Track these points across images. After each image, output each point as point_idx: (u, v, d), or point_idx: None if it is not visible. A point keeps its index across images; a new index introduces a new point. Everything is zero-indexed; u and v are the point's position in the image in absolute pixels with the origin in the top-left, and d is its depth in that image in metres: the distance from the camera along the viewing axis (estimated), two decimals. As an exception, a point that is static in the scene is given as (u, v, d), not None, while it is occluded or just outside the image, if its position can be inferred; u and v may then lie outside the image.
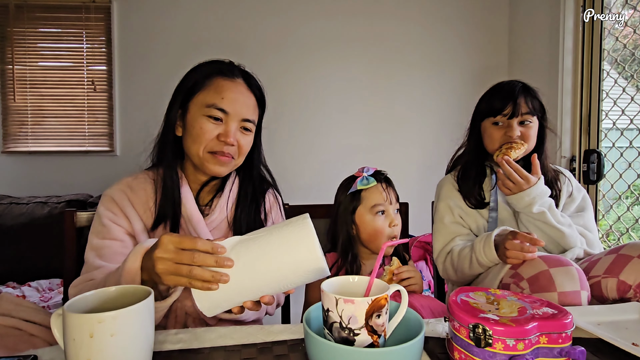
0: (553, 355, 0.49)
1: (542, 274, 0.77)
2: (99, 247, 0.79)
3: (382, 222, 0.96)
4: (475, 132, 1.13)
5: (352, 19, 2.27)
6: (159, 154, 0.85)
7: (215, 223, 0.86)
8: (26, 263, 1.82)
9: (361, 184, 0.97)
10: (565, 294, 0.74)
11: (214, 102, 0.80)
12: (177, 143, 0.85)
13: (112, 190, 0.83)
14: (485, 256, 0.90)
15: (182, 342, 0.59)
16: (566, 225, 0.98)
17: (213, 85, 0.82)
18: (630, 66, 1.68)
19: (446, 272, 1.05)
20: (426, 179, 2.22)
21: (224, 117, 0.81)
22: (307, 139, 2.28)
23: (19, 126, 2.16)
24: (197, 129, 0.80)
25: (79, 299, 0.50)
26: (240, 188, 0.91)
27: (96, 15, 2.16)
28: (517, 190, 0.98)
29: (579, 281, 0.75)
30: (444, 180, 1.17)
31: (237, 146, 0.83)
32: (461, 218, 1.09)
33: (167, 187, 0.82)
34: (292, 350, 0.56)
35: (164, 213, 0.81)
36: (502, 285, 0.85)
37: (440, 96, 2.33)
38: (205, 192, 0.89)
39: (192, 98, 0.82)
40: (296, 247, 0.53)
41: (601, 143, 1.79)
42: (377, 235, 0.96)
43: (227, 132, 0.80)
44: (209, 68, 0.84)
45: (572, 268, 0.76)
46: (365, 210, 0.97)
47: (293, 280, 0.54)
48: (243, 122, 0.83)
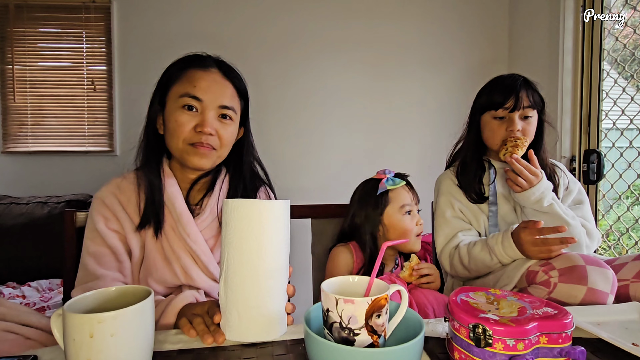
0: (553, 355, 0.49)
1: (577, 268, 0.77)
2: (98, 254, 0.79)
3: (409, 221, 0.99)
4: (474, 126, 1.12)
5: (352, 18, 2.26)
6: (142, 153, 0.85)
7: (206, 223, 0.85)
8: (26, 263, 1.82)
9: (389, 184, 0.98)
10: (594, 291, 0.74)
11: (187, 91, 0.79)
12: (161, 142, 0.85)
13: (102, 193, 0.84)
14: (508, 256, 0.91)
15: (182, 342, 0.59)
16: (570, 217, 0.99)
17: (186, 76, 0.81)
18: (630, 66, 1.68)
19: (454, 268, 1.04)
20: (426, 178, 2.20)
21: (199, 105, 0.80)
22: (308, 139, 2.28)
23: (19, 126, 2.16)
24: (173, 122, 0.80)
25: (78, 299, 0.50)
26: (230, 185, 0.90)
27: (96, 15, 2.16)
28: (528, 186, 0.98)
29: (611, 285, 0.75)
30: (443, 176, 1.17)
31: (217, 136, 0.81)
32: (462, 212, 1.09)
33: (148, 187, 0.82)
34: (292, 350, 0.56)
35: (147, 214, 0.81)
36: (528, 272, 0.84)
37: (440, 97, 2.33)
38: (195, 191, 0.88)
39: (168, 92, 0.82)
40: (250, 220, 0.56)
41: (601, 143, 1.78)
42: (407, 235, 0.98)
43: (203, 121, 0.79)
44: (183, 61, 0.84)
45: (609, 272, 0.76)
46: (394, 211, 0.99)
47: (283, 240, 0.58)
48: (221, 109, 0.81)
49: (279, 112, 2.23)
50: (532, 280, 0.83)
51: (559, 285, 0.77)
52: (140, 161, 0.85)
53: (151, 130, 0.85)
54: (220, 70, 0.84)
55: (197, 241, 0.81)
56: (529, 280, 0.84)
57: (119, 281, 0.79)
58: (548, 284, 0.78)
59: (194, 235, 0.81)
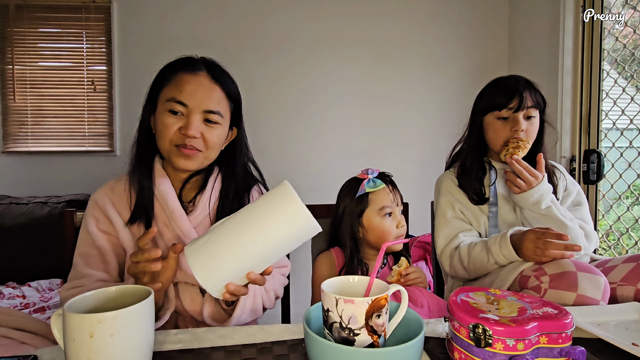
0: (553, 355, 0.49)
1: (567, 274, 0.77)
2: (86, 255, 0.83)
3: (389, 223, 0.96)
4: (475, 128, 1.12)
5: (352, 18, 2.26)
6: (133, 152, 0.87)
7: (198, 219, 0.86)
8: (26, 263, 1.82)
9: (369, 186, 0.96)
10: (584, 297, 0.74)
11: (173, 96, 0.81)
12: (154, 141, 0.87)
13: (97, 194, 0.87)
14: (503, 256, 0.91)
15: (182, 342, 0.59)
16: (568, 219, 0.99)
17: (175, 80, 0.83)
18: (630, 66, 1.68)
19: (454, 269, 1.04)
20: (426, 178, 2.22)
21: (184, 110, 0.81)
22: (307, 139, 2.28)
23: (19, 126, 2.16)
24: (160, 124, 0.82)
25: (79, 299, 0.50)
26: (222, 185, 0.91)
27: (96, 15, 2.16)
28: (527, 188, 0.99)
29: (602, 292, 0.75)
30: (443, 176, 1.17)
31: (203, 139, 0.83)
32: (462, 213, 1.09)
33: (139, 186, 0.84)
34: (292, 350, 0.56)
35: (137, 211, 0.84)
36: (521, 277, 0.85)
37: (440, 97, 2.33)
38: (187, 189, 0.90)
39: (159, 94, 0.84)
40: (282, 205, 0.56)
41: (601, 143, 1.78)
42: (385, 237, 0.96)
43: (187, 124, 0.80)
44: (174, 64, 0.86)
45: (601, 278, 0.76)
46: (373, 213, 0.96)
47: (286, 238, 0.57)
48: (206, 113, 0.82)
49: (279, 112, 2.23)
50: (524, 285, 0.83)
51: (549, 291, 0.77)
52: (132, 159, 0.88)
53: (144, 130, 0.87)
54: (210, 74, 0.85)
55: (190, 237, 0.83)
56: (521, 284, 0.85)
57: (103, 280, 0.82)
58: (539, 290, 0.78)
59: (187, 231, 0.83)
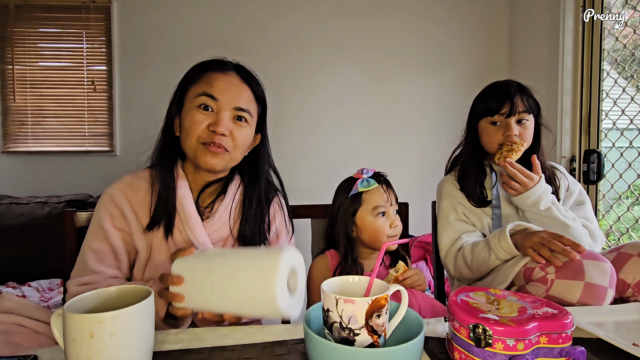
0: (553, 355, 0.49)
1: (573, 263, 0.76)
2: (100, 251, 0.80)
3: (383, 223, 0.96)
4: (472, 132, 1.13)
5: (353, 21, 2.26)
6: (157, 153, 0.85)
7: (215, 227, 0.84)
8: (26, 263, 1.82)
9: (362, 186, 0.96)
10: (591, 285, 0.73)
11: (204, 90, 0.79)
12: (177, 144, 0.85)
13: (113, 190, 0.83)
14: (502, 250, 0.90)
15: (182, 342, 0.59)
16: (570, 218, 0.99)
17: (205, 77, 0.82)
18: (630, 66, 1.68)
19: (458, 270, 1.04)
20: (426, 179, 2.22)
21: (214, 105, 0.79)
22: (307, 139, 2.28)
23: (19, 126, 2.16)
24: (188, 120, 0.80)
25: (78, 299, 0.50)
26: (245, 195, 0.88)
27: (96, 15, 2.16)
28: (523, 190, 0.99)
29: (609, 278, 0.74)
30: (444, 180, 1.18)
31: (231, 137, 0.81)
32: (465, 215, 1.09)
33: (162, 188, 0.81)
34: (292, 350, 0.56)
35: (158, 214, 0.81)
36: (525, 269, 0.84)
37: (440, 97, 2.33)
38: (206, 194, 0.87)
39: (187, 93, 0.83)
40: (257, 282, 0.56)
41: (601, 143, 1.79)
42: (379, 237, 0.96)
43: (217, 120, 0.78)
44: (203, 64, 0.85)
45: (606, 265, 0.75)
46: (367, 212, 0.96)
47: (246, 311, 0.59)
48: (236, 111, 0.81)
49: (279, 112, 2.22)
50: (529, 278, 0.83)
51: (556, 282, 0.76)
52: (155, 160, 0.85)
53: (168, 131, 0.85)
54: (239, 74, 0.85)
55: (204, 244, 0.81)
56: (526, 277, 0.84)
57: (116, 277, 0.80)
58: (545, 281, 0.78)
59: (202, 239, 0.81)
